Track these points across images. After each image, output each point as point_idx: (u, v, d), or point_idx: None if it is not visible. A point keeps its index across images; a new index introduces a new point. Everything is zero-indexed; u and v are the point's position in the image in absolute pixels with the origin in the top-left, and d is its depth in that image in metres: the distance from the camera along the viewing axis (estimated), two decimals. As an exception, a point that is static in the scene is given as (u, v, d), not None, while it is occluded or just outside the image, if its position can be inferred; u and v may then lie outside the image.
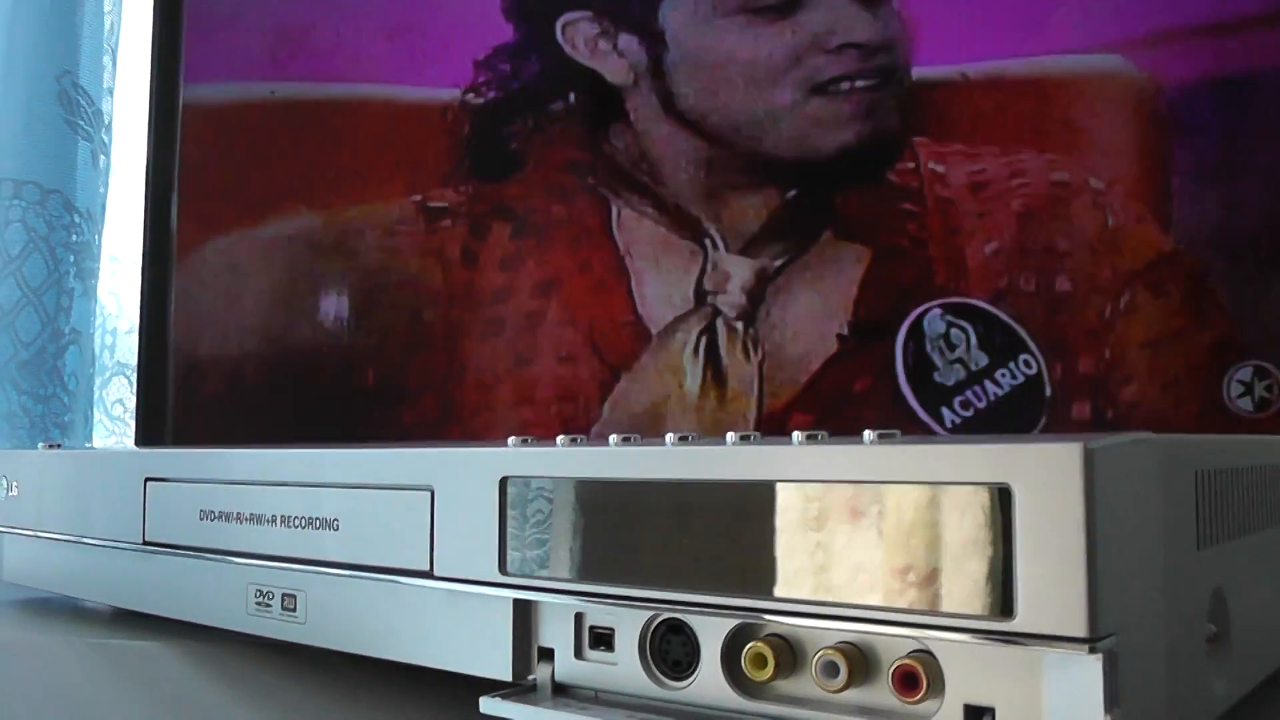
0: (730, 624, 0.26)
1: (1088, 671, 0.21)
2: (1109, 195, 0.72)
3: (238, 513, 0.37)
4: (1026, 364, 0.71)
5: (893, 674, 0.24)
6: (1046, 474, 0.21)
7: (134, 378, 0.86)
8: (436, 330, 0.77)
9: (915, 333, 0.73)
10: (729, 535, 0.25)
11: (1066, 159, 0.72)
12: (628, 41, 0.77)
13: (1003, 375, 0.72)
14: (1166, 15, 0.72)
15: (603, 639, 0.29)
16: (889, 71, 0.75)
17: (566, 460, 0.28)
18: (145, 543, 0.41)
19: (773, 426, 0.74)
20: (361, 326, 0.77)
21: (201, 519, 0.39)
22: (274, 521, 0.36)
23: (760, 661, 0.26)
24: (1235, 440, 0.30)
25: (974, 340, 0.73)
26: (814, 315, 0.75)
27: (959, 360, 0.73)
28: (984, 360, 0.72)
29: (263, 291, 0.78)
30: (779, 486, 0.25)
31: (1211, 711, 0.27)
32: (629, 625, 0.28)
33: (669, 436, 0.28)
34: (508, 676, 0.30)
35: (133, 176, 0.91)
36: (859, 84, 0.74)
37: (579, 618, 0.29)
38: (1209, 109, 0.71)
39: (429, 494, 0.31)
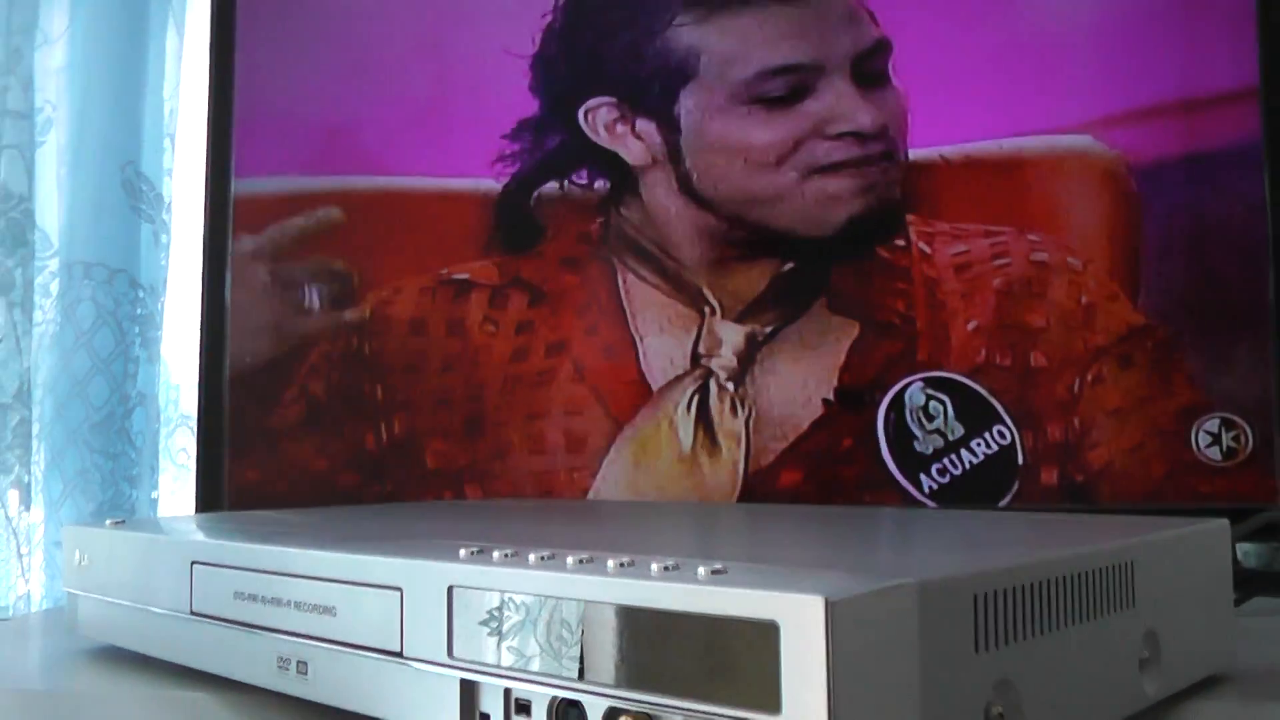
0: (606, 704, 0.35)
1: (837, 753, 0.30)
2: (1085, 274, 0.79)
3: (262, 595, 0.47)
4: (1000, 434, 0.78)
5: (717, 745, 0.33)
6: (800, 615, 0.30)
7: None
8: (458, 387, 0.86)
9: (896, 403, 0.81)
10: (609, 642, 0.34)
11: (1046, 238, 0.79)
12: (645, 126, 0.85)
13: (978, 445, 0.79)
14: (1132, 95, 0.79)
15: (524, 708, 0.38)
16: (886, 155, 0.82)
17: (496, 576, 0.37)
18: (192, 613, 0.51)
19: (763, 480, 0.81)
20: (393, 384, 0.87)
21: (235, 598, 0.48)
22: (289, 605, 0.45)
23: (629, 730, 0.35)
24: (1016, 566, 0.38)
25: (951, 412, 0.80)
26: (803, 380, 0.83)
27: (937, 430, 0.80)
28: (960, 431, 0.80)
29: (307, 350, 0.88)
30: (637, 611, 0.34)
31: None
32: (541, 700, 0.37)
33: (569, 559, 0.37)
34: (459, 735, 0.40)
35: (192, 244, 1.01)
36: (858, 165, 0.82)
37: (507, 692, 0.38)
38: (1176, 185, 0.78)
39: (399, 593, 0.41)
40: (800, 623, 0.30)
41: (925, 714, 0.32)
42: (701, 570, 0.33)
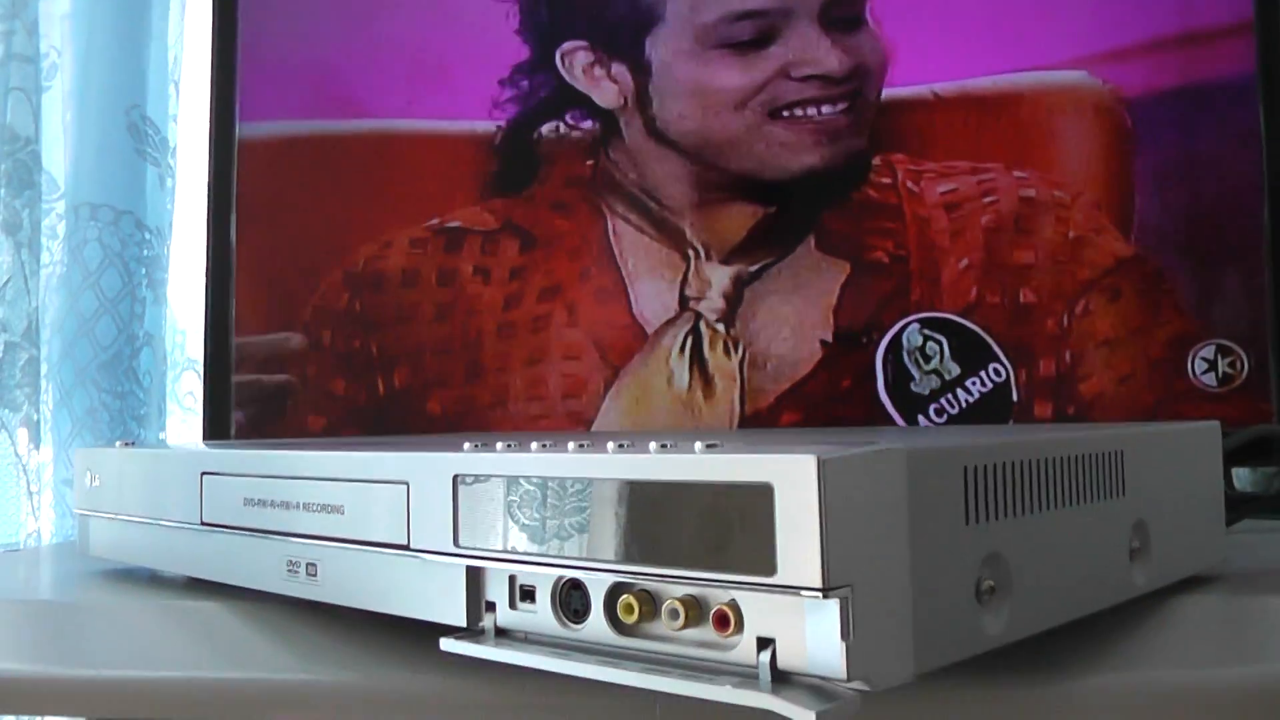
0: (609, 581, 0.36)
1: (828, 612, 0.31)
2: (1072, 209, 0.80)
3: (271, 500, 0.48)
4: (996, 372, 0.79)
5: (713, 617, 0.34)
6: (793, 476, 0.31)
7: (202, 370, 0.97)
8: (456, 335, 0.86)
9: (894, 344, 0.82)
10: (609, 518, 0.35)
11: (1033, 174, 0.80)
12: (619, 69, 0.86)
13: (973, 383, 0.80)
14: (1127, 30, 0.80)
15: (528, 594, 0.39)
16: (854, 96, 0.83)
17: (499, 462, 0.39)
18: (203, 523, 0.52)
19: (761, 422, 0.82)
20: (393, 333, 0.88)
21: (245, 505, 0.49)
22: (298, 507, 0.47)
23: (629, 609, 0.36)
24: (1019, 442, 0.39)
25: (948, 351, 0.81)
26: (797, 321, 0.83)
27: (934, 370, 0.81)
28: (956, 370, 0.81)
29: (310, 293, 0.89)
30: (636, 485, 0.35)
31: (982, 644, 0.36)
32: (545, 584, 0.38)
33: (570, 444, 0.38)
34: (463, 623, 0.41)
35: (197, 190, 1.02)
36: (823, 110, 0.83)
37: (512, 579, 0.39)
38: (1169, 118, 0.79)
39: (406, 486, 0.42)
40: (793, 482, 0.31)
41: (915, 577, 0.33)
42: (698, 444, 0.34)
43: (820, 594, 0.31)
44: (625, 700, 0.40)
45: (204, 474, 0.52)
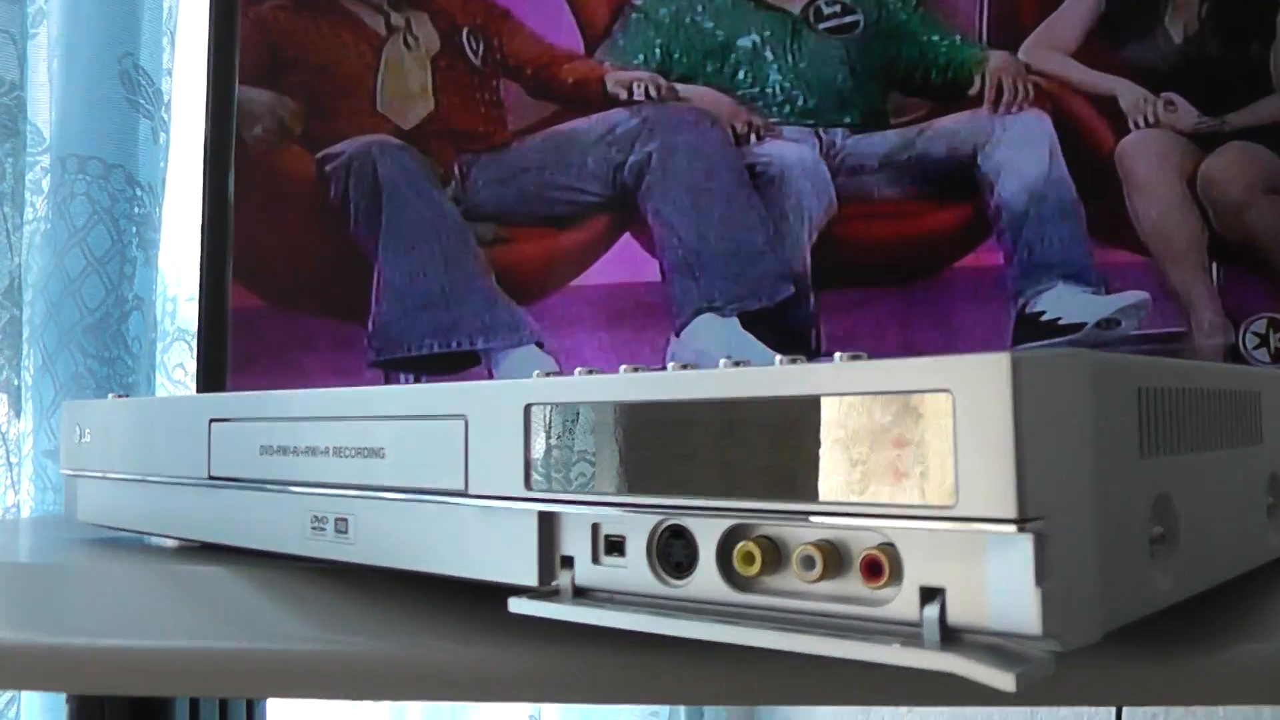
0: (723, 526, 0.30)
1: (1020, 550, 0.25)
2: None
3: (294, 446, 0.41)
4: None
5: (861, 562, 0.28)
6: (980, 381, 0.25)
7: (194, 343, 0.90)
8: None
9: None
10: (718, 446, 0.29)
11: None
12: None
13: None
14: None
15: (615, 546, 0.33)
16: None
17: (580, 387, 0.32)
18: (210, 478, 0.45)
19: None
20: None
21: (261, 454, 0.43)
22: (327, 453, 0.40)
23: (749, 559, 0.29)
24: (1183, 365, 0.33)
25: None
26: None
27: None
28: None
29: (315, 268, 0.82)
30: (755, 403, 0.28)
31: (1153, 603, 0.30)
32: (637, 532, 0.32)
33: (669, 366, 0.32)
34: (534, 583, 0.34)
35: (192, 153, 0.96)
36: None
37: (595, 527, 0.33)
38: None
39: (463, 422, 0.35)
40: (980, 389, 0.25)
41: (1100, 514, 0.27)
42: (838, 356, 0.28)
43: (1014, 526, 0.25)
44: (729, 672, 0.34)
45: (212, 421, 0.45)
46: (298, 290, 0.82)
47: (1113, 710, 0.86)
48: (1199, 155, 0.76)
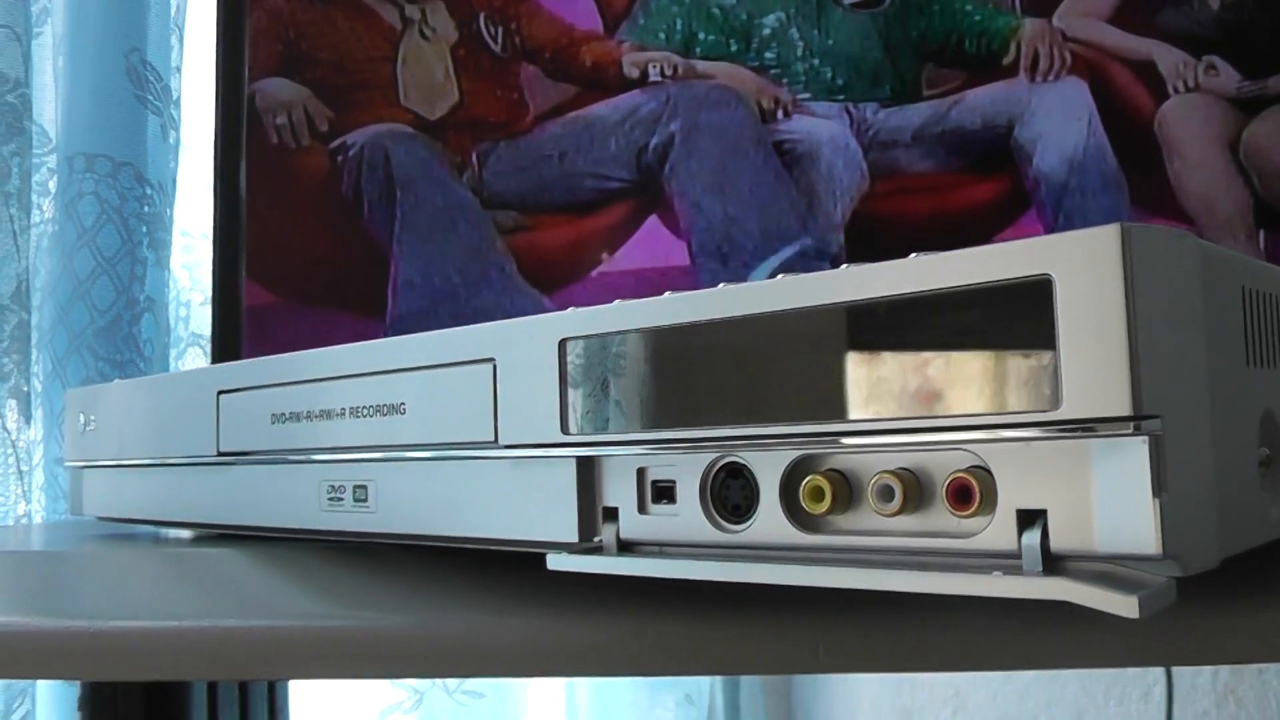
0: (787, 458, 0.27)
1: (1133, 454, 0.22)
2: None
3: (308, 411, 0.38)
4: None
5: (946, 489, 0.24)
6: (1085, 259, 0.22)
7: (208, 348, 0.87)
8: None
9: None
10: (777, 367, 0.26)
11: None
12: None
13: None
14: None
15: (664, 492, 0.29)
16: None
17: (621, 314, 0.29)
18: (220, 454, 0.42)
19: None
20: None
21: (273, 422, 0.40)
22: (343, 414, 0.37)
23: (818, 494, 0.26)
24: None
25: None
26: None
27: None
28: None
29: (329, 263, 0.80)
30: (822, 312, 0.25)
31: (1264, 532, 0.27)
32: (689, 474, 0.29)
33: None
34: (574, 539, 0.31)
35: (201, 155, 0.93)
36: None
37: (641, 473, 0.30)
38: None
39: (491, 365, 0.32)
40: (1086, 271, 0.22)
41: (1214, 421, 0.24)
42: (914, 254, 0.25)
43: (1130, 426, 0.21)
44: (789, 621, 0.31)
45: (221, 393, 0.42)
46: (313, 286, 0.79)
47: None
48: (1242, 121, 0.73)
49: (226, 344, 0.79)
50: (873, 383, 0.25)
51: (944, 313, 0.23)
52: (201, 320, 0.92)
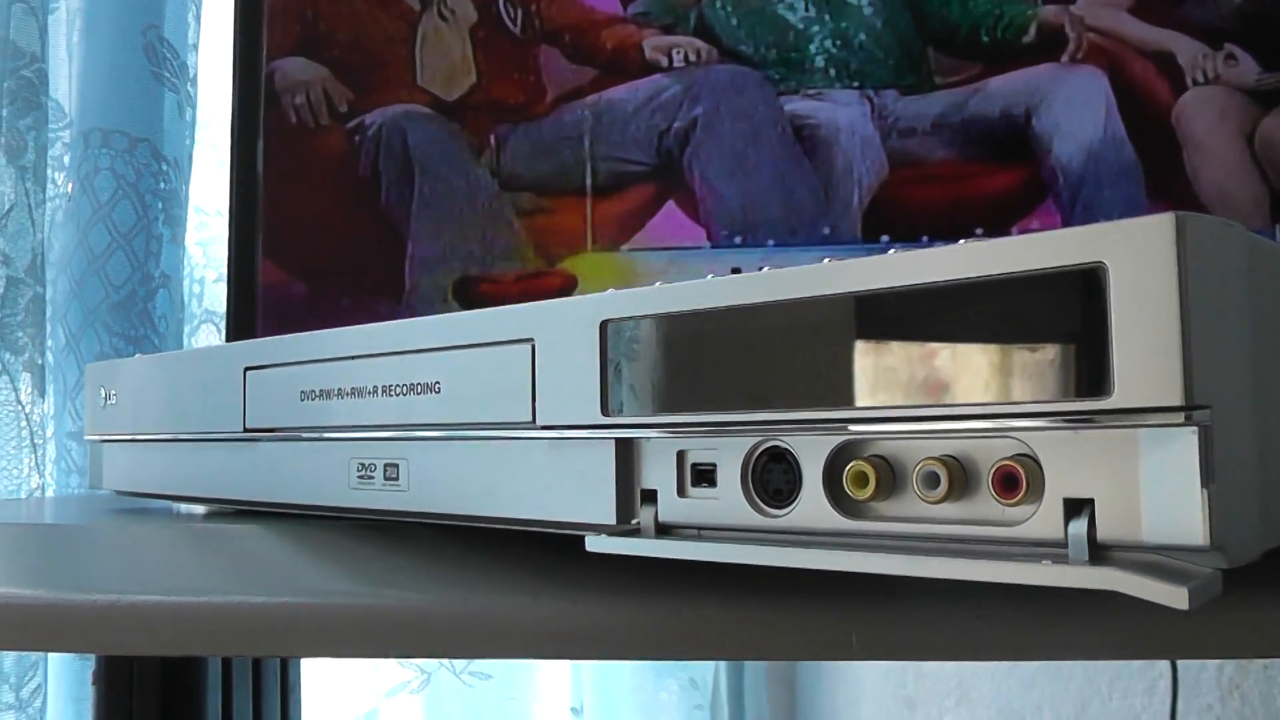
0: (831, 443, 0.27)
1: (1183, 444, 0.22)
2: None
3: (338, 389, 0.38)
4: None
5: (992, 477, 0.25)
6: (1139, 247, 0.22)
7: (222, 325, 0.88)
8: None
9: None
10: (823, 352, 0.26)
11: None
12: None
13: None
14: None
15: (704, 476, 0.30)
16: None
17: (665, 297, 0.29)
18: (246, 430, 0.42)
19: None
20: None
21: (303, 399, 0.40)
22: (375, 392, 0.37)
23: (862, 480, 0.26)
24: None
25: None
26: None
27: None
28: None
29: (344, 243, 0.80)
30: (869, 297, 0.25)
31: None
32: (730, 458, 0.29)
33: (764, 268, 0.29)
34: (612, 522, 0.31)
35: (216, 133, 0.93)
36: None
37: (680, 456, 0.30)
38: None
39: (529, 345, 0.32)
40: (1139, 259, 0.22)
41: (1258, 412, 0.24)
42: (961, 240, 0.25)
43: (1180, 416, 0.21)
44: (822, 608, 0.31)
45: (248, 370, 0.42)
46: (329, 265, 0.79)
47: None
48: (1259, 114, 0.73)
49: (242, 322, 0.79)
50: (919, 368, 0.25)
51: (994, 299, 0.24)
52: (215, 297, 0.92)
